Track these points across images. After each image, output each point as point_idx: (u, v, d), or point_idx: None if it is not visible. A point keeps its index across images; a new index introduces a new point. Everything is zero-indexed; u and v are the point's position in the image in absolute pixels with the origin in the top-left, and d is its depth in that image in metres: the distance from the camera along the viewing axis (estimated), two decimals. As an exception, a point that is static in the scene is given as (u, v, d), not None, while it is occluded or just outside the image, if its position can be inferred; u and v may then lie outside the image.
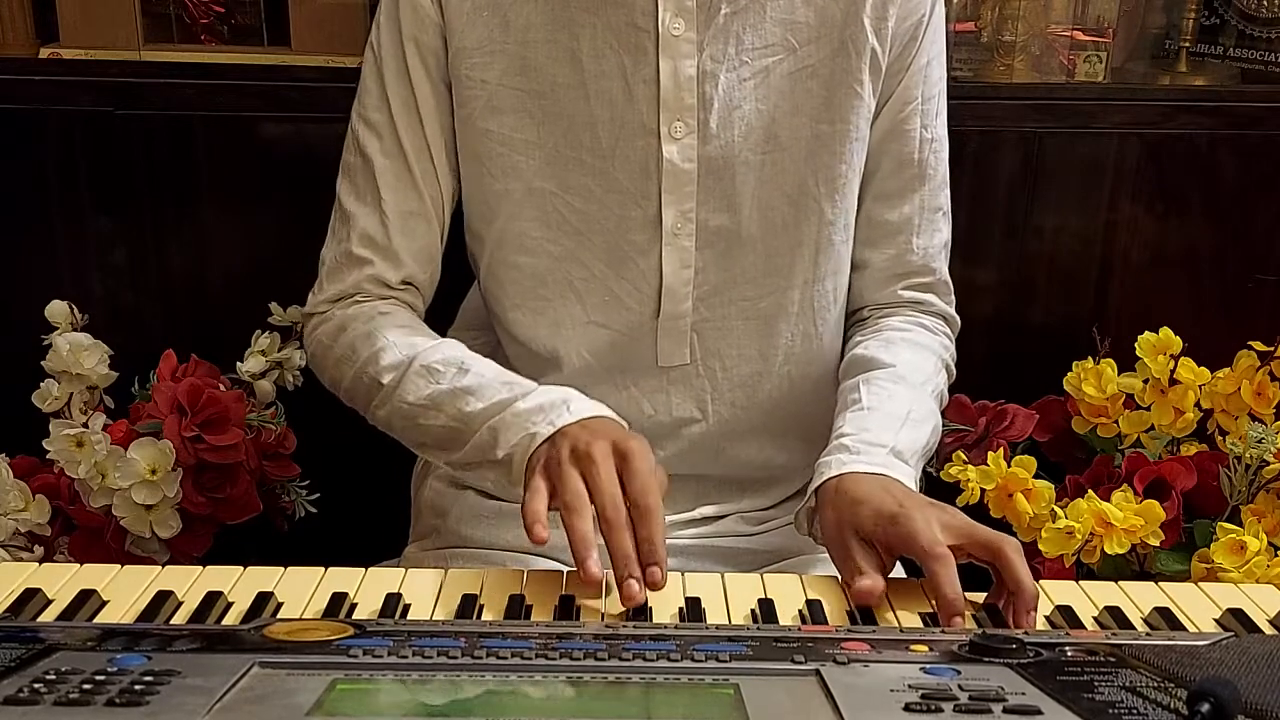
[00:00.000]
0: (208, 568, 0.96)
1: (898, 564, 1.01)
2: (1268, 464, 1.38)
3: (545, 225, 1.14)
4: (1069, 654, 0.76)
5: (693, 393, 1.19)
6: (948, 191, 1.21)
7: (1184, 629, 0.90)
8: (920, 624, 0.90)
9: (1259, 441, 1.37)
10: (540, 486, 0.96)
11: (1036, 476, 1.38)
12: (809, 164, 1.13)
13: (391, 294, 1.17)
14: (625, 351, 1.17)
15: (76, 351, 1.44)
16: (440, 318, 1.36)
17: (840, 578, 0.98)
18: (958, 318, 1.25)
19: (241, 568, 0.95)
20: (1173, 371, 1.48)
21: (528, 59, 1.10)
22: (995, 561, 0.93)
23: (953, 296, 1.24)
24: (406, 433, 1.13)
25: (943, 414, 1.37)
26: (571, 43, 1.09)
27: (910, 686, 0.70)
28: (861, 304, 1.24)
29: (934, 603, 0.91)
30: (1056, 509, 1.33)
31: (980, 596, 0.94)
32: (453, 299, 1.37)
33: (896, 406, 1.09)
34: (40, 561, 1.35)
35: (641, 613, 0.90)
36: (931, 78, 1.16)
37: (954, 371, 1.23)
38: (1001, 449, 1.42)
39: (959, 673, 0.72)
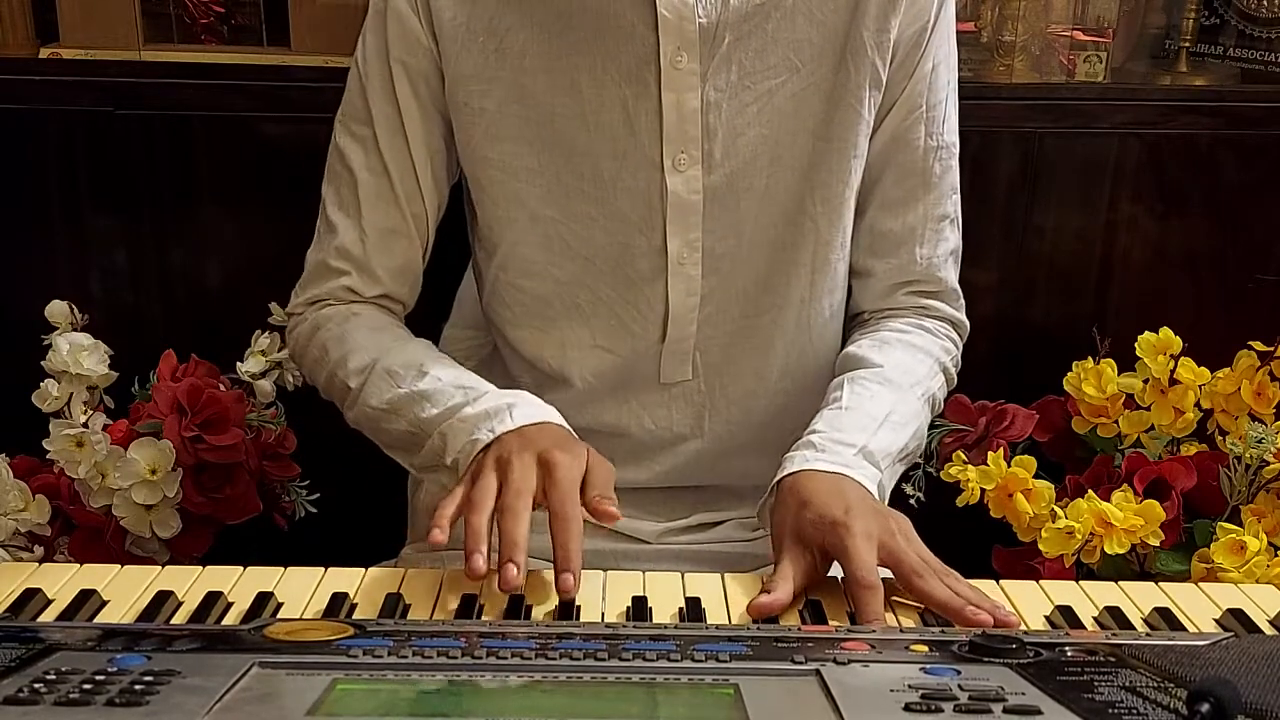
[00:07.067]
0: (208, 568, 0.96)
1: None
2: (1268, 464, 1.37)
3: (549, 250, 1.13)
4: (1069, 654, 0.76)
5: (692, 409, 1.18)
6: (956, 198, 1.18)
7: (1184, 629, 0.90)
8: (920, 624, 0.90)
9: (1259, 441, 1.37)
10: (457, 492, 0.97)
11: (1036, 476, 1.38)
12: (808, 181, 1.12)
13: (366, 303, 1.17)
14: (629, 372, 1.17)
15: (76, 351, 1.44)
16: (439, 316, 1.36)
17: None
18: (967, 323, 1.23)
19: (241, 568, 0.95)
20: (1173, 371, 1.47)
21: (525, 86, 1.08)
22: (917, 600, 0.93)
23: (962, 303, 1.22)
24: (374, 435, 1.14)
25: (942, 415, 1.36)
26: (571, 72, 1.07)
27: (910, 686, 0.70)
28: (862, 309, 1.23)
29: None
30: (1056, 509, 1.33)
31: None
32: (449, 294, 1.37)
33: (876, 407, 1.08)
34: (40, 561, 1.35)
35: (642, 613, 0.90)
36: (937, 83, 1.14)
37: (954, 376, 1.22)
38: (1001, 449, 1.42)
39: (959, 673, 0.72)
